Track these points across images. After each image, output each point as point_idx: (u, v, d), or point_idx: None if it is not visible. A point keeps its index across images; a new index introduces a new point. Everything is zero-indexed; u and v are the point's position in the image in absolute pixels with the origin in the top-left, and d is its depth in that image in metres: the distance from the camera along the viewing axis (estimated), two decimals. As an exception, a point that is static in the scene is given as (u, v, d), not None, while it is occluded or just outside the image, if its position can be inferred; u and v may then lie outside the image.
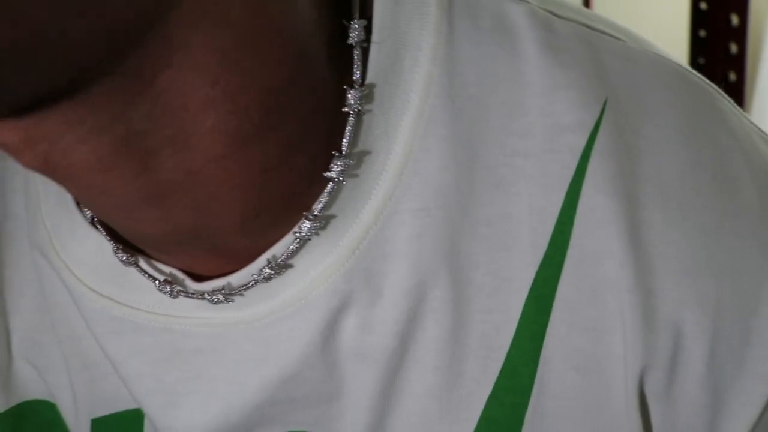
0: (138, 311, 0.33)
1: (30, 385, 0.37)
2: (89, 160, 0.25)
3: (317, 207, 0.29)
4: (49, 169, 0.25)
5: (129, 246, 0.32)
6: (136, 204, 0.27)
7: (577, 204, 0.30)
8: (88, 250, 0.33)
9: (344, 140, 0.29)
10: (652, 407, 0.31)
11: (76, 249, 0.33)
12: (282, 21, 0.26)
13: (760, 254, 0.30)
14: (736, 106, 0.33)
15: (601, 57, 0.30)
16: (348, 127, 0.29)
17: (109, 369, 0.35)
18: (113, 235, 0.32)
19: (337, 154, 0.29)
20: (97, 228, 0.33)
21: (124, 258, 0.32)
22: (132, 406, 0.36)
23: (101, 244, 0.33)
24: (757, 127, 0.33)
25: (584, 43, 0.30)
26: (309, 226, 0.29)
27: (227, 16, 0.24)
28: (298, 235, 0.30)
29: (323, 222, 0.30)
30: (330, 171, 0.29)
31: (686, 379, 0.30)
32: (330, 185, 0.29)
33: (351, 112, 0.29)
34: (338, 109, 0.29)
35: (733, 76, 1.39)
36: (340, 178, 0.29)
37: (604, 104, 0.30)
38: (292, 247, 0.30)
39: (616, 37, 0.31)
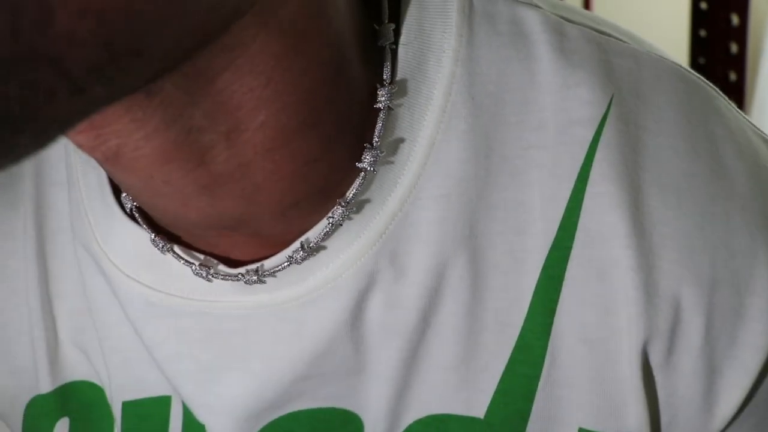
0: (174, 297, 0.35)
1: (76, 367, 0.39)
2: (154, 154, 0.27)
3: (350, 194, 0.31)
4: (118, 162, 0.27)
5: (166, 235, 0.34)
6: (191, 192, 0.29)
7: (585, 191, 0.32)
8: (126, 241, 0.35)
9: (376, 133, 0.31)
10: (654, 376, 0.33)
11: (114, 240, 0.35)
12: (326, 28, 0.28)
13: (751, 235, 0.33)
14: (732, 103, 0.36)
15: (608, 57, 0.33)
16: (379, 122, 0.31)
17: (139, 355, 0.37)
18: (150, 225, 0.34)
19: (368, 146, 0.31)
20: (134, 219, 0.34)
21: (161, 245, 0.33)
22: (160, 392, 0.38)
23: (138, 235, 0.34)
24: (750, 122, 0.36)
25: (593, 45, 0.33)
26: (341, 212, 0.31)
27: (282, 25, 0.26)
28: (331, 220, 0.32)
29: (354, 208, 0.32)
30: (362, 162, 0.31)
31: (684, 350, 0.33)
32: (362, 174, 0.31)
33: (382, 107, 0.31)
34: (370, 104, 0.31)
35: (733, 76, 1.39)
36: (371, 168, 0.31)
37: (611, 100, 0.32)
38: (324, 231, 0.32)
39: (621, 40, 0.34)
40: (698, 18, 1.43)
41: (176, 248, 0.34)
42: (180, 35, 0.21)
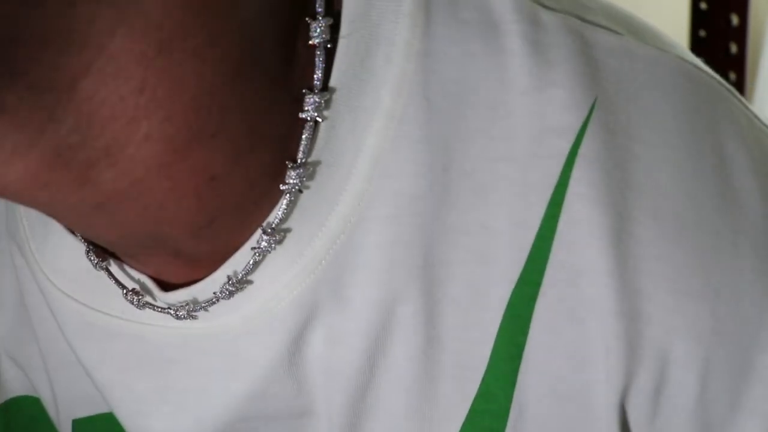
0: (110, 317, 0.32)
1: (15, 382, 0.37)
2: (23, 177, 0.24)
3: (275, 220, 0.28)
4: None
5: (102, 250, 0.31)
6: (85, 212, 0.26)
7: (560, 215, 0.27)
8: (63, 254, 0.32)
9: (300, 149, 0.27)
10: None
11: (50, 252, 0.33)
12: (217, 20, 0.24)
13: (763, 278, 0.28)
14: (750, 109, 0.31)
15: (592, 52, 0.28)
16: (304, 136, 0.27)
17: (84, 371, 0.34)
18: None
19: (291, 164, 0.27)
20: (72, 231, 0.32)
21: (96, 261, 0.31)
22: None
23: (75, 247, 0.32)
24: None
25: (574, 38, 0.28)
26: (267, 239, 0.28)
27: (148, 19, 0.23)
28: (256, 249, 0.28)
29: (283, 234, 0.28)
30: (287, 182, 0.27)
31: (672, 415, 0.28)
32: (287, 197, 0.28)
33: (308, 118, 0.27)
34: (297, 114, 0.27)
35: (733, 76, 1.39)
36: (297, 189, 0.27)
37: (593, 105, 0.27)
38: (252, 260, 0.28)
39: (612, 30, 0.29)
40: (698, 18, 1.43)
41: (112, 266, 0.31)
42: None
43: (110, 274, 0.31)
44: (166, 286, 0.31)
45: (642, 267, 0.27)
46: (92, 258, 0.31)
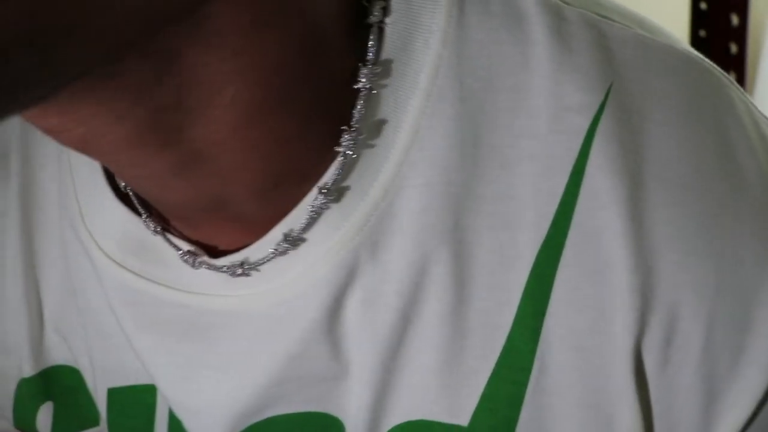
0: (157, 285, 0.34)
1: (57, 352, 0.39)
2: (121, 137, 0.26)
3: (329, 180, 0.30)
4: (86, 147, 0.26)
5: (158, 217, 0.33)
6: (165, 174, 0.28)
7: (581, 184, 0.30)
8: (115, 223, 0.34)
9: (355, 115, 0.30)
10: (649, 389, 0.31)
11: (102, 221, 0.35)
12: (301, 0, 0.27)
13: (762, 241, 0.30)
14: (746, 95, 0.34)
15: (608, 43, 0.31)
16: (359, 103, 0.30)
17: (124, 341, 0.36)
18: (144, 205, 0.33)
19: (346, 128, 0.30)
20: (128, 198, 0.34)
21: (153, 227, 0.33)
22: (146, 380, 0.37)
23: (127, 218, 0.34)
24: (766, 116, 0.34)
25: (592, 29, 0.31)
26: (323, 199, 0.30)
27: None
28: (312, 208, 0.30)
29: (336, 195, 0.31)
30: (341, 144, 0.30)
31: (681, 363, 0.31)
32: (340, 158, 0.30)
33: (363, 88, 0.30)
34: (353, 85, 0.30)
35: (733, 76, 1.39)
36: (350, 152, 0.30)
37: (610, 87, 0.30)
38: (305, 220, 0.31)
39: (626, 25, 0.32)
40: (698, 18, 1.42)
41: (166, 233, 0.33)
42: (126, 15, 0.21)
43: (166, 239, 0.33)
44: (218, 253, 0.33)
45: (654, 229, 0.30)
46: (149, 225, 0.33)
